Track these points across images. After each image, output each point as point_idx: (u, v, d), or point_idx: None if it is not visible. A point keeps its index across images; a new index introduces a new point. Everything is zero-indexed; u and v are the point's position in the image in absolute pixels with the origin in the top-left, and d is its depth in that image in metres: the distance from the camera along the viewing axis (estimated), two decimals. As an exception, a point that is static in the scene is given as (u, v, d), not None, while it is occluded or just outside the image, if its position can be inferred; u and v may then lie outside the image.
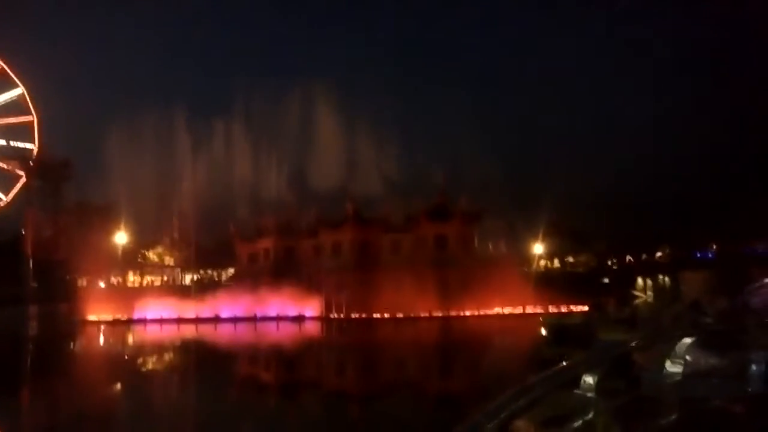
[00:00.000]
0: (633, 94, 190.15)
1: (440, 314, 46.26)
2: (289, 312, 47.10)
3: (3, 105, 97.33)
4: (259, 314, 47.01)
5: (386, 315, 47.10)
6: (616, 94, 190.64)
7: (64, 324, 51.35)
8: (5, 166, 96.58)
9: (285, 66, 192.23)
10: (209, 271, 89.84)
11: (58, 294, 63.59)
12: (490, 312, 46.96)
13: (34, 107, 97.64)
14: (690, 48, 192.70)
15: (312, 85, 62.26)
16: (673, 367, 5.83)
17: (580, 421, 4.51)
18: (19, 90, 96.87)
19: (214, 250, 78.36)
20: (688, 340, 6.03)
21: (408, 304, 46.48)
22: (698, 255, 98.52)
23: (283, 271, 53.14)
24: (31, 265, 78.20)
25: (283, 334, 42.81)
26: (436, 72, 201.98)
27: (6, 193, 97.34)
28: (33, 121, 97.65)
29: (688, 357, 5.92)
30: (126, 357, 35.81)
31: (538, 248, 75.81)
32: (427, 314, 46.50)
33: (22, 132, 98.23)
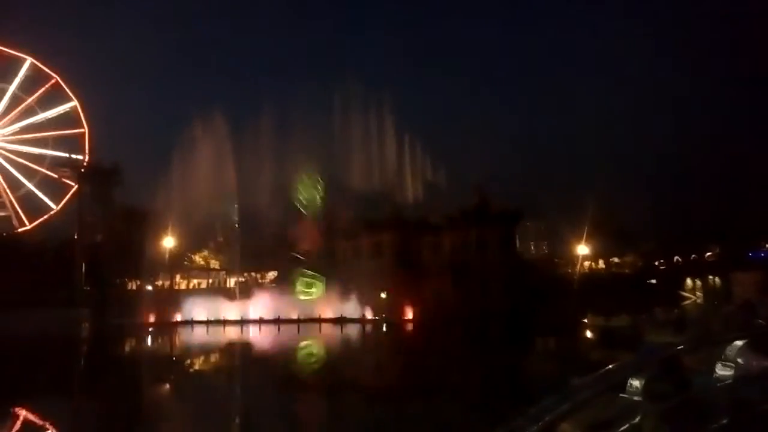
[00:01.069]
0: (679, 86, 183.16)
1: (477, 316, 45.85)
2: (330, 314, 47.50)
3: (56, 117, 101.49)
4: (300, 316, 47.56)
5: (422, 317, 47.01)
6: (662, 87, 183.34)
7: (114, 326, 53.06)
8: (56, 176, 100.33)
9: (320, 71, 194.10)
10: (253, 274, 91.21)
11: (109, 297, 65.64)
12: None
13: (86, 119, 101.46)
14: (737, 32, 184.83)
15: (347, 90, 62.83)
16: (723, 370, 5.68)
17: (626, 425, 4.46)
18: (73, 103, 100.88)
19: (257, 253, 79.52)
20: (739, 343, 5.87)
21: (445, 307, 46.27)
22: (750, 255, 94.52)
23: (324, 273, 53.67)
24: (83, 270, 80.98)
25: (329, 335, 43.20)
26: (471, 68, 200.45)
27: (57, 202, 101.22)
28: (84, 133, 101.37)
29: (739, 360, 5.76)
30: (174, 358, 36.81)
31: (582, 249, 74.13)
32: (465, 316, 46.19)
33: (74, 143, 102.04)
